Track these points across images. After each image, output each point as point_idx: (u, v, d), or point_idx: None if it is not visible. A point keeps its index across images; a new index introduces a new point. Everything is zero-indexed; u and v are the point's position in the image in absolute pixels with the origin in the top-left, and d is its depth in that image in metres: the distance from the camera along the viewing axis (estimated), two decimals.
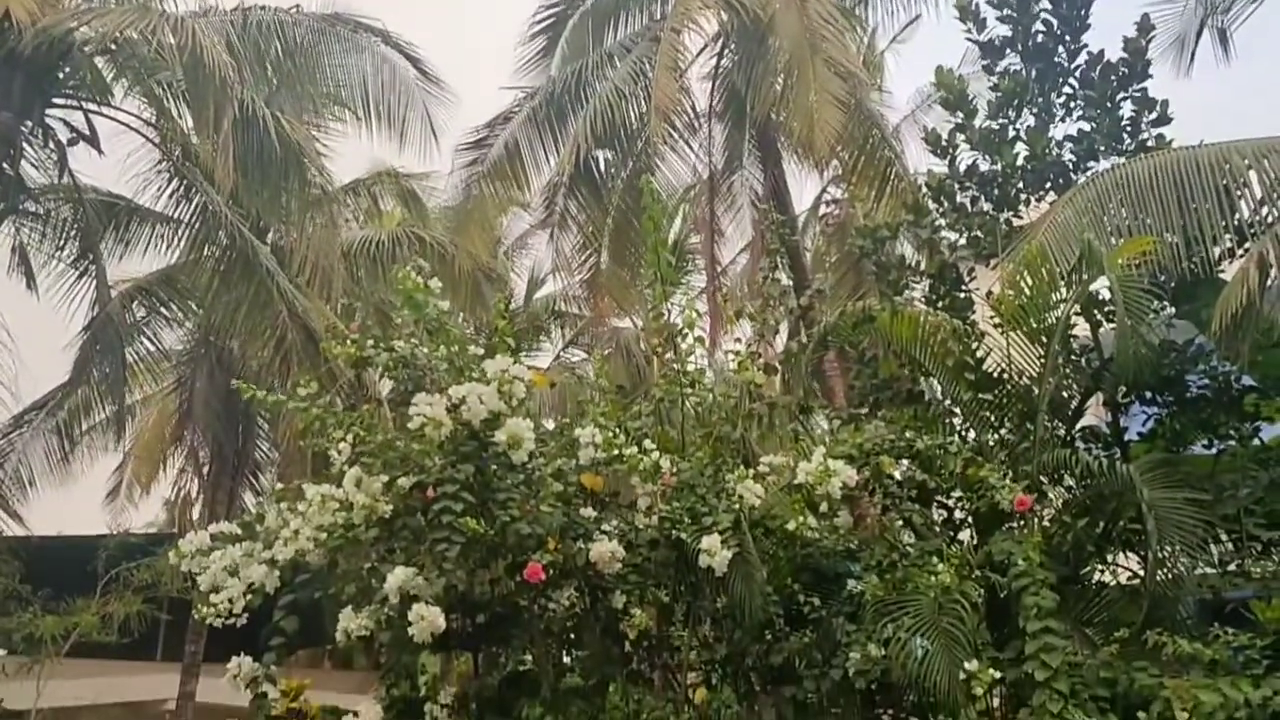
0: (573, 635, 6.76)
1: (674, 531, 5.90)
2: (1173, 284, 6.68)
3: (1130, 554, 6.71)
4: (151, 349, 15.83)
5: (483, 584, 6.82)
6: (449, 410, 5.67)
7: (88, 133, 11.45)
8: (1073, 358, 7.05)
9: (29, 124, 11.15)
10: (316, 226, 12.26)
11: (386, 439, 6.13)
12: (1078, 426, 7.01)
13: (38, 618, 12.18)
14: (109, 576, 13.45)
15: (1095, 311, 7.12)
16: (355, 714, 5.57)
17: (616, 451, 5.88)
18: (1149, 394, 7.06)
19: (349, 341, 6.24)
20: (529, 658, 6.68)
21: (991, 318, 6.96)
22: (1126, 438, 7.12)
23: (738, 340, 7.46)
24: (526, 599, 6.36)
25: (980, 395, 6.61)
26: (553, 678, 6.37)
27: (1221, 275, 6.63)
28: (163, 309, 15.28)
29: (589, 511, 6.07)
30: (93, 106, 11.61)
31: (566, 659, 6.95)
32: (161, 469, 19.43)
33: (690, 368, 6.74)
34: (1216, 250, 6.50)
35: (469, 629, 6.94)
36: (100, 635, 12.83)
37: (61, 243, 12.16)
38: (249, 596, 5.59)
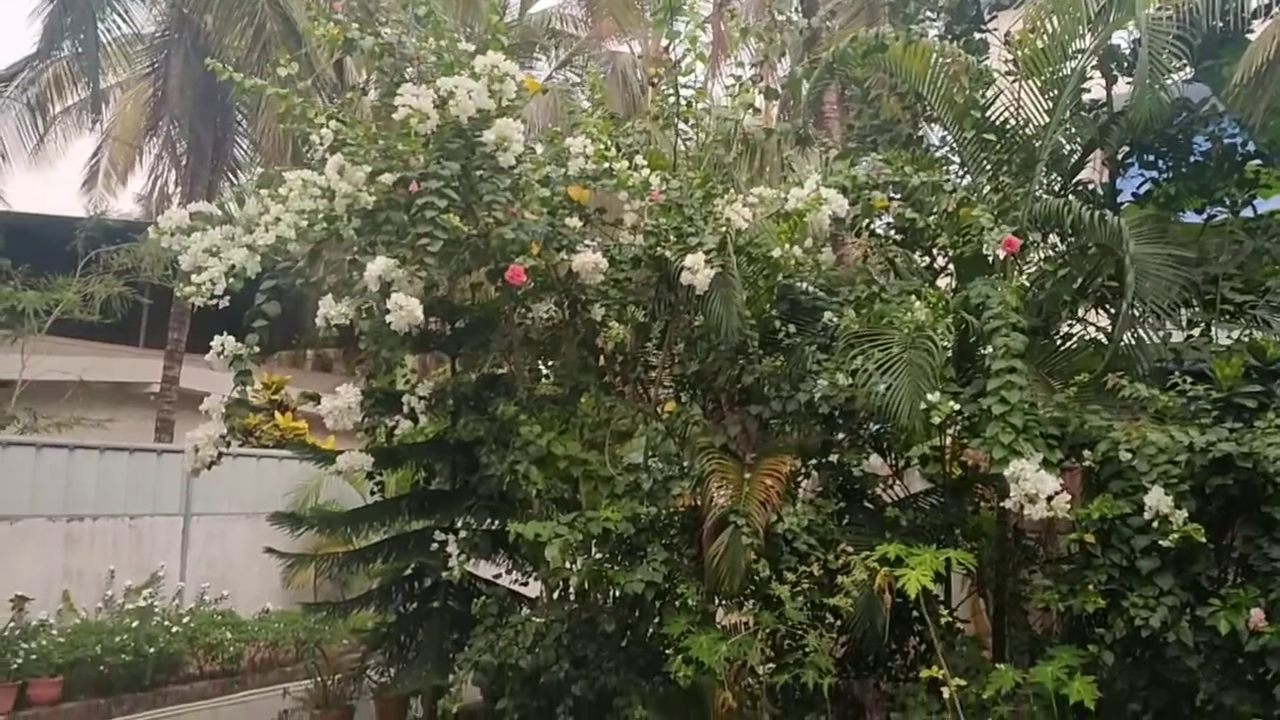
0: (549, 346, 6.90)
1: (658, 249, 5.89)
2: (1199, 40, 6.37)
3: (1102, 312, 6.82)
4: (125, 29, 14.99)
5: (463, 289, 6.89)
6: (436, 105, 5.47)
7: None
8: (1081, 112, 6.84)
9: None
10: None
11: (369, 133, 5.95)
12: (1073, 181, 6.92)
13: (18, 291, 12.17)
14: (89, 257, 13.39)
15: (1112, 65, 6.85)
16: (335, 394, 5.73)
17: (607, 165, 5.74)
18: (1150, 156, 6.93)
19: (332, 22, 5.91)
20: (506, 366, 6.85)
21: (1006, 60, 6.68)
22: (1120, 200, 7.05)
23: (740, 65, 7.13)
24: (507, 306, 6.44)
25: (983, 137, 6.43)
26: (529, 382, 6.57)
27: (1249, 36, 6.33)
28: None
29: (575, 222, 6.01)
30: None
31: (543, 368, 7.13)
32: (138, 159, 18.91)
33: (688, 88, 6.49)
34: (1252, 4, 6.16)
35: (448, 332, 7.08)
36: (82, 314, 12.92)
37: None
38: (230, 279, 5.56)
